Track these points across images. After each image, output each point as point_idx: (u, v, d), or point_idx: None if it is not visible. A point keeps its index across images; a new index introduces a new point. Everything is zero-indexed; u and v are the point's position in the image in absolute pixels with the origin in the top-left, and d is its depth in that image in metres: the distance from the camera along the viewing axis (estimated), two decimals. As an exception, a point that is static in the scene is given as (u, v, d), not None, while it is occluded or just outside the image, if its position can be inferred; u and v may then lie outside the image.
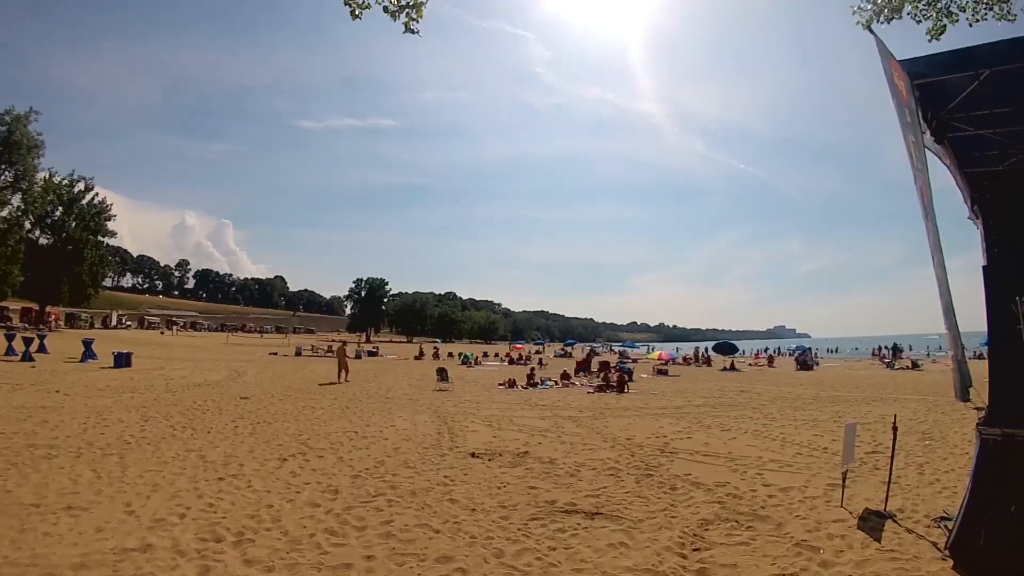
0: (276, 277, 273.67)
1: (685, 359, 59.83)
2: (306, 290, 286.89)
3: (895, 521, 7.73)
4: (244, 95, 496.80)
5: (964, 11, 7.17)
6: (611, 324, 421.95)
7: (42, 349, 33.80)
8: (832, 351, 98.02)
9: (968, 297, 7.11)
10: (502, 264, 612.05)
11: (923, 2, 7.34)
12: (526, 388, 28.46)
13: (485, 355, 68.67)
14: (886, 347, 71.13)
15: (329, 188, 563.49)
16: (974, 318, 7.11)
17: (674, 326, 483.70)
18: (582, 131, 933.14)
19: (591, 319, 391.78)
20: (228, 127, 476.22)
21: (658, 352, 60.93)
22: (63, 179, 75.72)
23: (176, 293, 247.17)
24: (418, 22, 6.94)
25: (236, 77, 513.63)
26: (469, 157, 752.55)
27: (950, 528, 6.68)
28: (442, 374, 29.21)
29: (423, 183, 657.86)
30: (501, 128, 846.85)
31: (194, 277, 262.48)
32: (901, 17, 7.13)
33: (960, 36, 6.66)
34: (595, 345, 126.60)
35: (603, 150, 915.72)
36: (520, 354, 63.82)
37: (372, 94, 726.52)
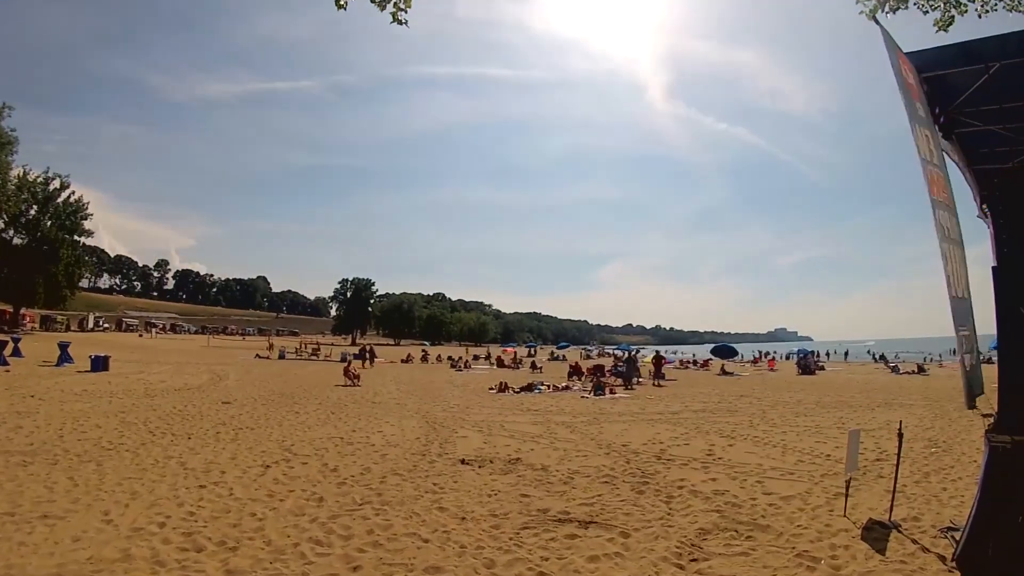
0: (259, 278, 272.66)
1: (682, 363, 59.93)
2: (289, 291, 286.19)
3: (900, 531, 7.72)
4: (77, 55, 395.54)
5: (973, 1, 7.15)
6: (605, 326, 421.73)
7: (16, 353, 33.58)
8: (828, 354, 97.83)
9: (979, 296, 7.10)
10: (448, 259, 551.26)
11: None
12: (518, 392, 28.43)
13: (476, 358, 68.58)
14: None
15: (235, 171, 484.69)
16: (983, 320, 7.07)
17: (671, 328, 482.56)
18: (502, 79, 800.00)
19: (585, 321, 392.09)
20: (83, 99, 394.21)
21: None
22: (37, 176, 75.13)
23: (155, 294, 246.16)
24: (406, 12, 6.88)
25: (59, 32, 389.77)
26: (382, 126, 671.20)
27: (957, 539, 6.66)
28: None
29: (345, 165, 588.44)
30: (399, 78, 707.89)
31: (174, 278, 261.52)
32: (907, 7, 7.11)
33: (969, 28, 6.65)
34: (589, 348, 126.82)
35: (539, 108, 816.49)
36: (514, 357, 63.75)
37: (230, 42, 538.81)
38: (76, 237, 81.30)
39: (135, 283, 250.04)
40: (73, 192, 79.19)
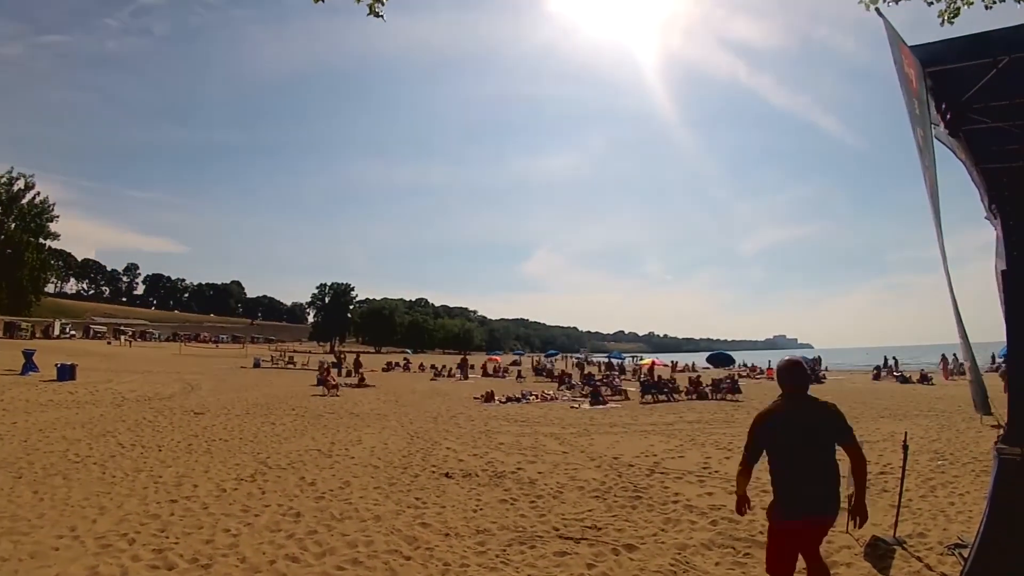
0: (233, 282, 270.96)
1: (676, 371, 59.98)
2: (265, 296, 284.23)
3: (905, 548, 7.71)
4: None
5: (980, -9, 7.15)
6: (596, 333, 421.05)
7: (-22, 361, 33.41)
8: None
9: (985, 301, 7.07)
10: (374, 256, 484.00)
11: (935, -20, 7.32)
12: (505, 402, 28.42)
13: (460, 366, 68.43)
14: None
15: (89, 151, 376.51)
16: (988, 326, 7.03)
17: (664, 335, 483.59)
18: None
19: (574, 327, 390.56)
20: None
21: (649, 359, 61.02)
22: (1, 176, 74.73)
23: (124, 300, 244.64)
24: (383, 5, 6.85)
25: None
26: (225, 75, 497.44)
27: (965, 556, 6.64)
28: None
29: (210, 142, 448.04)
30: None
31: (144, 282, 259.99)
32: None
33: (977, 19, 6.64)
34: (579, 356, 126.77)
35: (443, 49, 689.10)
36: (496, 366, 63.64)
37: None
38: (42, 240, 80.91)
39: (103, 288, 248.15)
40: (39, 193, 78.88)
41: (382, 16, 6.81)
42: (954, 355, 46.66)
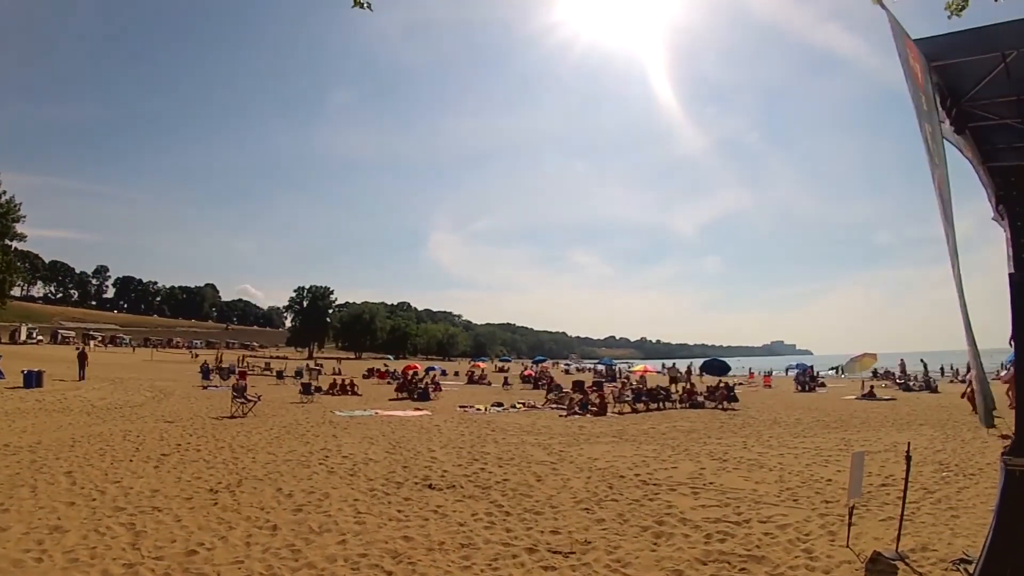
0: (207, 285, 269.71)
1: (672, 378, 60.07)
2: (240, 300, 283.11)
3: (908, 564, 7.70)
4: None
5: (988, -17, 7.14)
6: (586, 339, 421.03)
7: (-59, 368, 33.16)
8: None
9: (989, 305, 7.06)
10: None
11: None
12: (491, 410, 28.40)
13: (444, 373, 68.38)
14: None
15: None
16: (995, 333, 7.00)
17: (657, 341, 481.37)
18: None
19: (563, 332, 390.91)
20: None
21: (642, 365, 60.98)
22: (-38, 175, 74.03)
23: (94, 303, 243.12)
24: None
25: None
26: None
27: (971, 571, 6.64)
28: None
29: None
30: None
31: (114, 285, 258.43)
32: None
33: (985, 12, 6.63)
34: (567, 362, 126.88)
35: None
36: (482, 372, 63.90)
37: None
38: (7, 241, 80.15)
39: (72, 291, 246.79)
40: (4, 192, 78.17)
41: (368, 6, 6.78)
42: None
